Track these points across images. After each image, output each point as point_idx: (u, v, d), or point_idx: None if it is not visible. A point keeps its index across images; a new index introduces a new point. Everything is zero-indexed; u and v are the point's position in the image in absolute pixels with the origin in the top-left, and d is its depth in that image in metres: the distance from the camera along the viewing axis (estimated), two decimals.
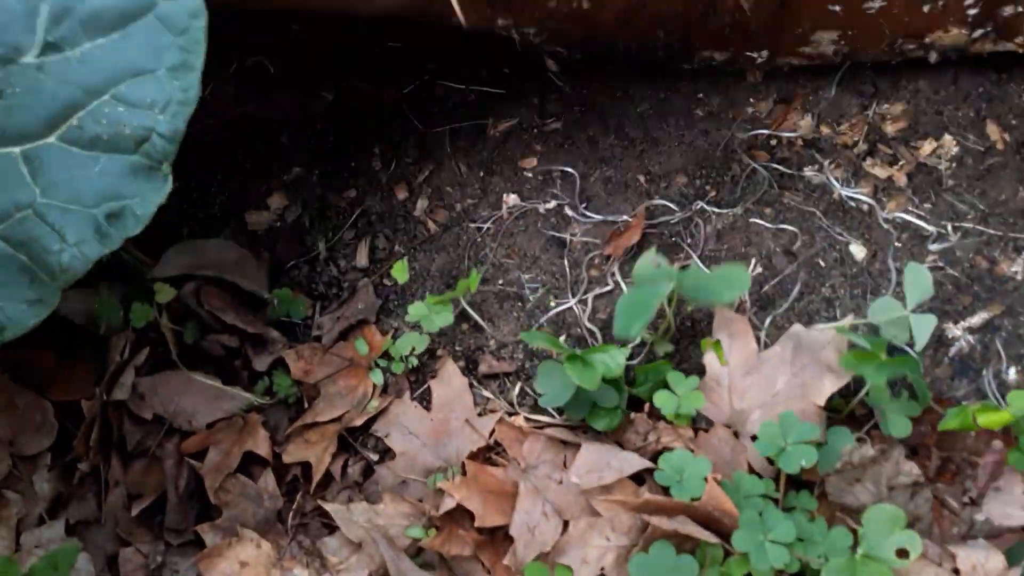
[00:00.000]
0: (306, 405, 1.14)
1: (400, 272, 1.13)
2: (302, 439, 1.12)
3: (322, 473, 1.08)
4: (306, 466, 1.10)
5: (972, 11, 0.96)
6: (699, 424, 0.97)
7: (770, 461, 0.89)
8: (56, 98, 0.87)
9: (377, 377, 1.10)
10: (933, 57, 1.05)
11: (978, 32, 0.98)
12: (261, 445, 1.11)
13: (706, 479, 0.86)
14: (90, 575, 1.08)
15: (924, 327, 0.86)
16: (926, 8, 0.97)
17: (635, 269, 1.01)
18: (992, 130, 1.11)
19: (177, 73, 0.86)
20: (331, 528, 1.06)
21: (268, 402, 1.15)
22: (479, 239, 1.18)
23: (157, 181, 0.86)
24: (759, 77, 1.21)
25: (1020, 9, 0.94)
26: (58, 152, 0.87)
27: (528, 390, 1.07)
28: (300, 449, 1.11)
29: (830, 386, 0.90)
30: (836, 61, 1.10)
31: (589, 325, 1.08)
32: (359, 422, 1.09)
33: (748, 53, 1.08)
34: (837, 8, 0.98)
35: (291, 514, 1.08)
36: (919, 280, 0.89)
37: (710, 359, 0.95)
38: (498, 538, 0.98)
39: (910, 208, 1.08)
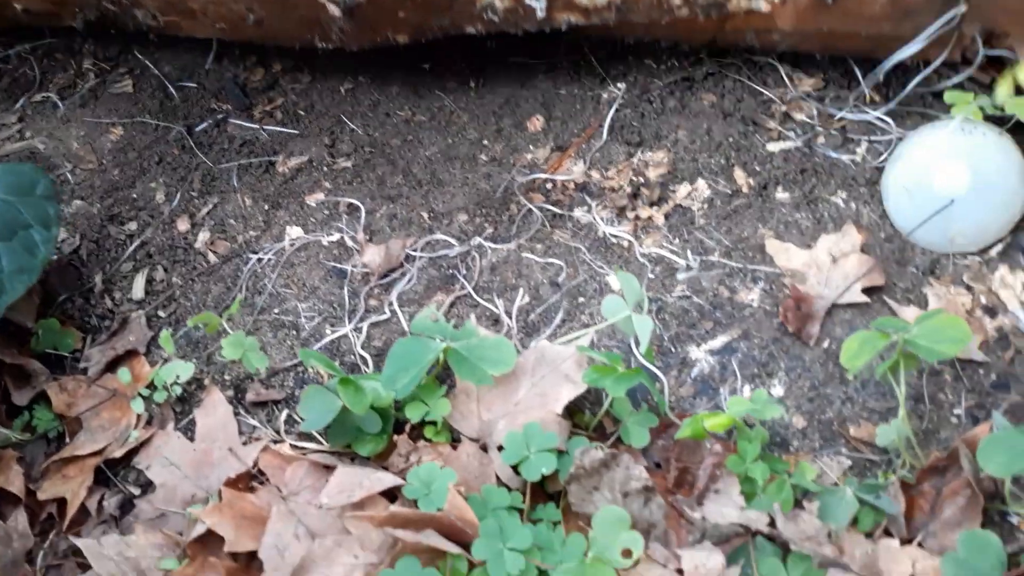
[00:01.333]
0: (67, 440, 1.09)
1: (166, 342, 1.10)
2: (60, 474, 1.07)
3: (76, 508, 1.03)
4: (62, 503, 1.05)
5: None
6: (458, 443, 0.99)
7: (516, 471, 0.92)
8: None
9: (138, 406, 1.07)
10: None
11: None
12: (13, 481, 1.05)
13: (448, 489, 0.87)
14: None
15: (644, 327, 0.92)
16: None
17: (414, 321, 1.05)
18: (739, 175, 1.21)
19: None
20: (85, 567, 1.01)
21: (27, 438, 1.09)
22: (259, 270, 1.18)
23: None
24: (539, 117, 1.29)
25: None
26: None
27: (296, 418, 1.06)
28: (56, 485, 1.06)
29: (567, 395, 0.94)
30: (602, 20, 1.16)
31: (362, 352, 1.09)
32: (120, 454, 1.06)
33: None
34: None
35: (42, 554, 1.03)
36: (630, 284, 0.95)
37: None
38: (253, 566, 0.95)
39: (664, 244, 1.16)
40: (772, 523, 0.89)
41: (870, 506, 0.90)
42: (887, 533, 0.91)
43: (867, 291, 1.08)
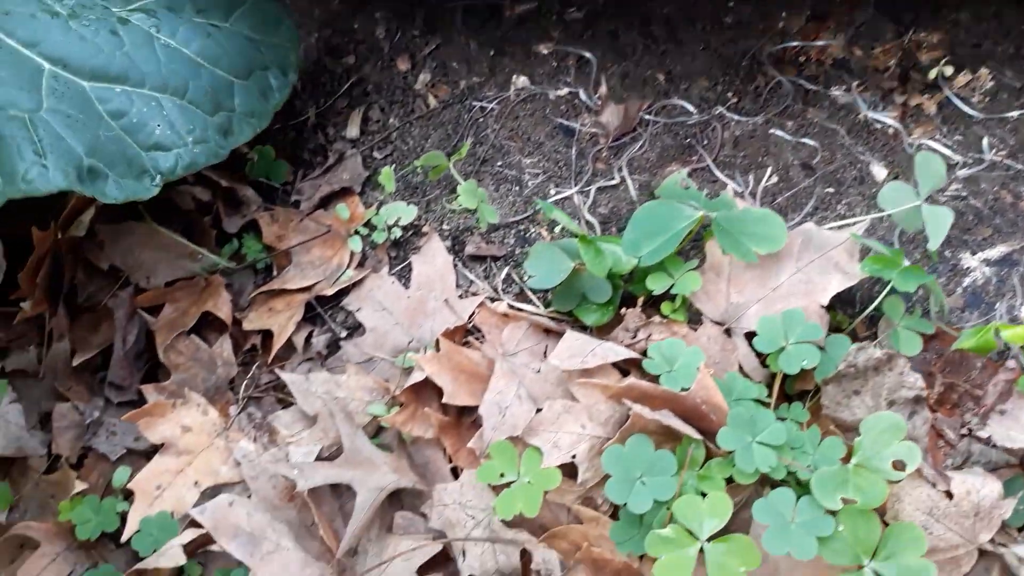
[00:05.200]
0: (275, 272, 1.07)
1: (387, 179, 1.04)
2: (266, 307, 1.05)
3: (283, 343, 1.01)
4: (267, 335, 1.03)
5: None
6: (696, 324, 0.90)
7: (764, 364, 0.83)
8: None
9: (356, 244, 1.03)
10: None
11: None
12: (221, 307, 1.03)
13: (698, 370, 0.79)
14: (20, 428, 0.99)
15: (939, 220, 0.80)
16: None
17: (661, 186, 0.95)
18: None
19: (225, 133, 0.93)
20: (286, 403, 1.00)
21: (234, 266, 1.07)
22: (481, 119, 1.10)
23: (146, 183, 0.88)
24: None
25: None
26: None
27: (515, 277, 1.00)
28: (263, 317, 1.04)
29: (837, 285, 0.84)
30: None
31: (589, 216, 1.01)
32: (330, 292, 1.02)
33: None
34: None
35: (244, 384, 1.01)
36: (930, 167, 0.82)
37: (711, 247, 0.89)
38: (464, 423, 0.91)
39: (938, 136, 1.02)
40: None
41: None
42: None
43: None
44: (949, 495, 0.75)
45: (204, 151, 0.91)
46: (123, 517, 0.91)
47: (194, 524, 0.87)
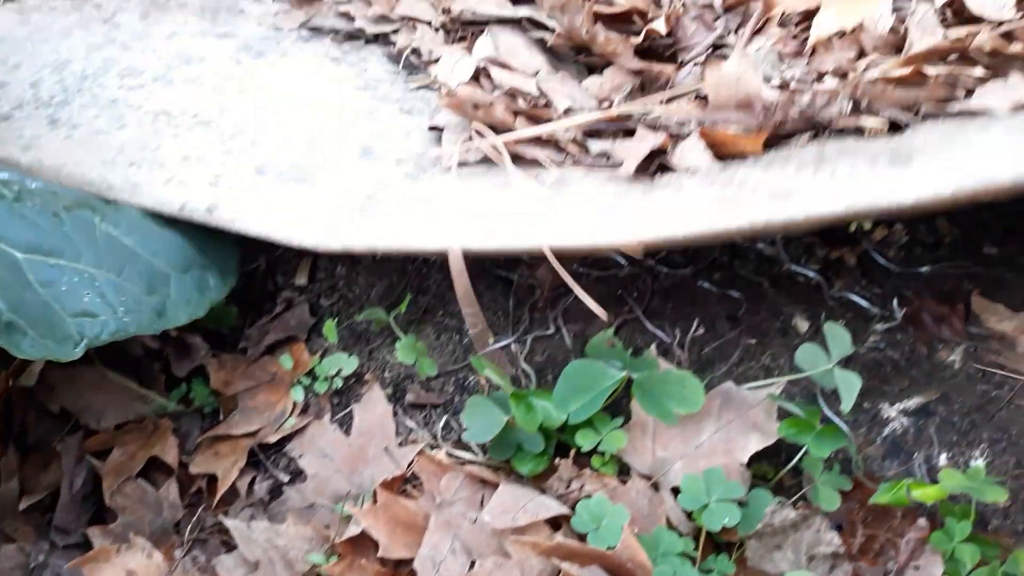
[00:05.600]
0: (222, 417, 1.09)
1: (330, 332, 1.09)
2: (212, 451, 1.07)
3: (227, 487, 1.03)
4: (212, 479, 1.05)
5: None
6: (626, 476, 0.93)
7: (689, 517, 0.86)
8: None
9: (298, 394, 1.06)
10: None
11: None
12: (168, 452, 1.06)
13: (623, 528, 0.82)
14: None
15: (849, 385, 0.85)
16: None
17: (590, 344, 1.01)
18: (942, 224, 1.12)
19: (159, 313, 0.96)
20: (229, 547, 1.00)
21: (183, 410, 1.09)
22: (424, 270, 1.15)
23: (68, 346, 0.91)
24: None
25: None
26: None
27: (454, 424, 1.03)
28: (208, 461, 1.06)
29: (755, 444, 0.88)
30: None
31: (525, 366, 1.05)
32: (273, 439, 1.05)
33: None
34: None
35: (190, 527, 1.02)
36: (838, 337, 0.88)
37: (636, 405, 0.93)
38: (402, 573, 0.92)
39: (857, 289, 1.08)
40: None
41: None
42: None
43: None
44: None
45: (135, 320, 0.94)
46: None
47: None
